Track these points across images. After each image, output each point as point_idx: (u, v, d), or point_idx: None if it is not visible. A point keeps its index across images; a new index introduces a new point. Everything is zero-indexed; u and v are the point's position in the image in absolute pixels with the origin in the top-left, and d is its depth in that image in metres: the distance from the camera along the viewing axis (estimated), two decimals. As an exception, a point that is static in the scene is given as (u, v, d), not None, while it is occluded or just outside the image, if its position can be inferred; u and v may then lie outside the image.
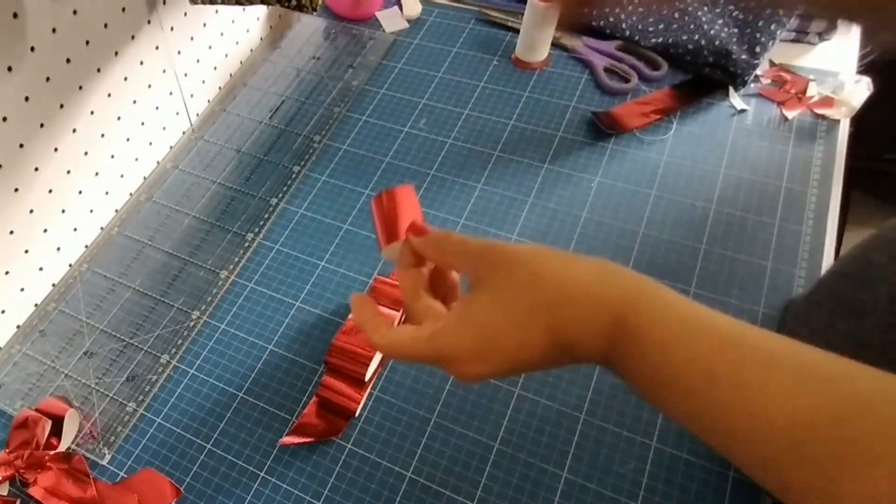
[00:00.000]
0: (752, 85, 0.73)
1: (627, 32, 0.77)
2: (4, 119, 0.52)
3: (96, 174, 0.65)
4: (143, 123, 0.69)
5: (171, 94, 0.71)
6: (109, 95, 0.63)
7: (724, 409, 0.27)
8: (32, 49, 0.52)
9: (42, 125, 0.56)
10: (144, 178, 0.72)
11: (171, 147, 0.74)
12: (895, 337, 0.40)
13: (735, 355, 0.27)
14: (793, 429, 0.25)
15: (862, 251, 0.46)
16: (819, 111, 0.69)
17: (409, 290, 0.37)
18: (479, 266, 0.34)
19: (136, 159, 0.70)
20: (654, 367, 0.29)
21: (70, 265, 0.65)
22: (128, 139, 0.67)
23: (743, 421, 0.26)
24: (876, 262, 0.43)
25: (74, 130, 0.60)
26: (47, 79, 0.55)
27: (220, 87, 0.80)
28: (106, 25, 0.60)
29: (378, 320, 0.37)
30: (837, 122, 0.68)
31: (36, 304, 0.63)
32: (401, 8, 0.85)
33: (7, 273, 0.58)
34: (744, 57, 0.70)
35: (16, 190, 0.56)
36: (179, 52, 0.70)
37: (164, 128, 0.72)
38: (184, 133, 0.76)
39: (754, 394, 0.26)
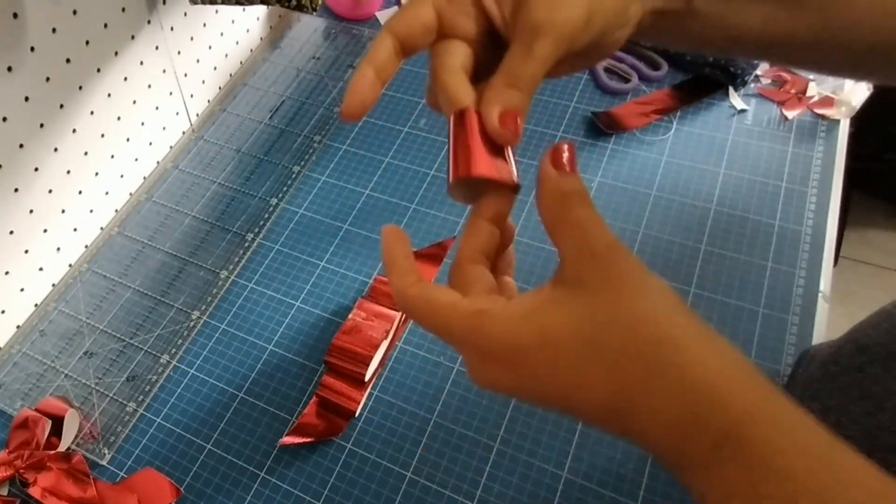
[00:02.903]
0: (752, 85, 0.73)
1: (627, 32, 0.77)
2: (4, 119, 0.52)
3: (96, 174, 0.65)
4: (143, 123, 0.69)
5: (171, 94, 0.71)
6: (109, 95, 0.63)
7: None
8: (32, 49, 0.52)
9: (42, 125, 0.56)
10: (144, 178, 0.72)
11: (171, 147, 0.74)
12: None
13: None
14: None
15: (891, 324, 0.41)
16: (819, 111, 0.69)
17: (469, 249, 0.30)
18: (589, 266, 0.26)
19: (136, 159, 0.70)
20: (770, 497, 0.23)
21: (70, 265, 0.65)
22: (128, 139, 0.67)
23: None
24: None
25: (74, 130, 0.60)
26: (47, 79, 0.55)
27: (220, 87, 0.80)
28: (106, 25, 0.60)
29: (410, 264, 0.30)
30: (837, 122, 0.68)
31: (36, 304, 0.63)
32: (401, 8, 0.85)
33: (7, 273, 0.58)
34: (744, 57, 0.70)
35: (16, 190, 0.56)
36: (179, 52, 0.70)
37: (164, 128, 0.72)
38: (184, 133, 0.76)
39: None
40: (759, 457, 0.23)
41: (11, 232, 0.57)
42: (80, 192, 0.63)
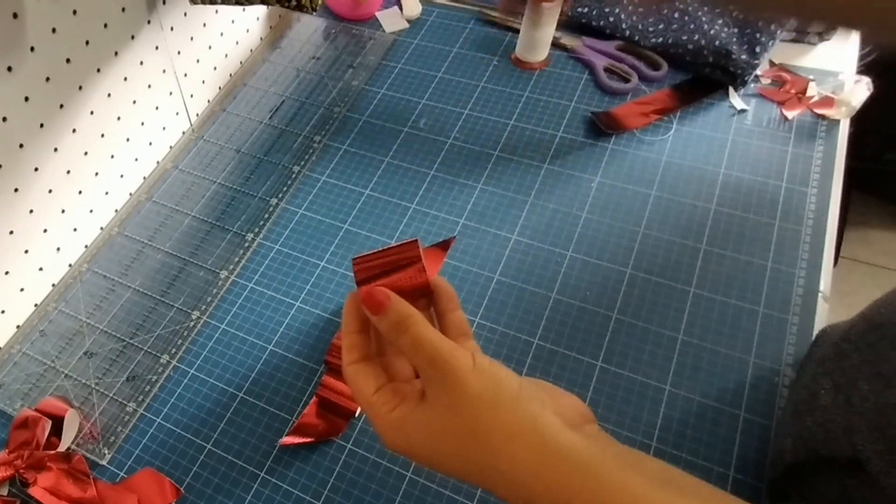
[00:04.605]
0: (752, 85, 0.73)
1: (627, 32, 0.77)
2: (4, 119, 0.52)
3: (96, 174, 0.65)
4: (142, 123, 0.69)
5: (171, 94, 0.71)
6: (109, 95, 0.63)
7: None
8: (32, 49, 0.52)
9: (42, 125, 0.56)
10: (144, 178, 0.72)
11: (170, 147, 0.74)
12: None
13: None
14: None
15: None
16: (819, 111, 0.69)
17: (349, 355, 0.36)
18: (427, 377, 0.33)
19: (136, 159, 0.70)
20: None
21: (70, 265, 0.65)
22: (128, 139, 0.67)
23: None
24: None
25: (74, 130, 0.60)
26: (47, 79, 0.55)
27: (220, 87, 0.80)
28: (106, 25, 0.60)
29: (355, 340, 0.36)
30: (837, 122, 0.68)
31: (36, 304, 0.63)
32: (401, 8, 0.85)
33: (7, 273, 0.58)
34: (744, 57, 0.70)
35: (16, 190, 0.56)
36: (179, 52, 0.70)
37: (163, 128, 0.72)
38: (184, 133, 0.76)
39: None
40: None
41: (11, 232, 0.57)
42: (80, 192, 0.63)
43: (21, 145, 0.55)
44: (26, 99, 0.53)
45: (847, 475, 0.38)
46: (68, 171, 0.61)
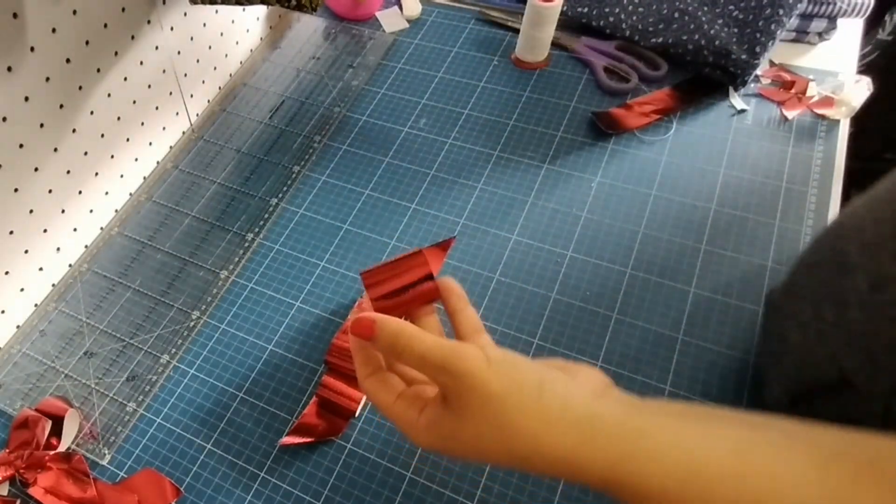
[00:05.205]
0: (752, 85, 0.73)
1: (627, 32, 0.77)
2: (4, 119, 0.52)
3: (96, 174, 0.65)
4: (142, 123, 0.69)
5: (171, 94, 0.71)
6: (109, 95, 0.63)
7: None
8: (32, 49, 0.52)
9: (42, 125, 0.56)
10: (144, 178, 0.72)
11: (170, 147, 0.74)
12: (882, 325, 0.39)
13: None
14: None
15: (830, 240, 0.46)
16: (819, 111, 0.69)
17: (361, 366, 0.38)
18: (443, 384, 0.34)
19: (136, 159, 0.70)
20: None
21: (70, 265, 0.65)
22: (127, 139, 0.67)
23: None
24: (847, 250, 0.42)
25: (74, 130, 0.60)
26: (47, 79, 0.55)
27: (220, 87, 0.80)
28: (106, 25, 0.60)
29: (366, 356, 0.37)
30: (837, 122, 0.68)
31: (36, 304, 0.63)
32: (401, 8, 0.85)
33: (7, 273, 0.58)
34: (744, 57, 0.70)
35: (16, 190, 0.56)
36: (179, 52, 0.70)
37: (163, 128, 0.72)
38: (184, 133, 0.76)
39: None
40: (634, 496, 0.30)
41: (11, 232, 0.57)
42: (80, 193, 0.63)
43: (21, 145, 0.55)
44: (26, 99, 0.53)
45: (840, 394, 0.41)
46: (68, 171, 0.61)
